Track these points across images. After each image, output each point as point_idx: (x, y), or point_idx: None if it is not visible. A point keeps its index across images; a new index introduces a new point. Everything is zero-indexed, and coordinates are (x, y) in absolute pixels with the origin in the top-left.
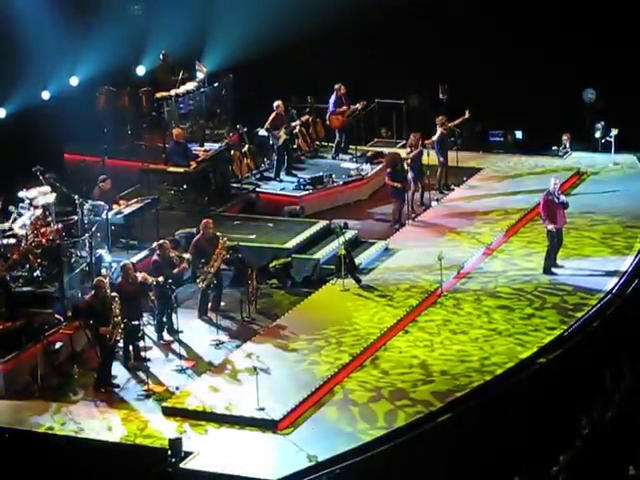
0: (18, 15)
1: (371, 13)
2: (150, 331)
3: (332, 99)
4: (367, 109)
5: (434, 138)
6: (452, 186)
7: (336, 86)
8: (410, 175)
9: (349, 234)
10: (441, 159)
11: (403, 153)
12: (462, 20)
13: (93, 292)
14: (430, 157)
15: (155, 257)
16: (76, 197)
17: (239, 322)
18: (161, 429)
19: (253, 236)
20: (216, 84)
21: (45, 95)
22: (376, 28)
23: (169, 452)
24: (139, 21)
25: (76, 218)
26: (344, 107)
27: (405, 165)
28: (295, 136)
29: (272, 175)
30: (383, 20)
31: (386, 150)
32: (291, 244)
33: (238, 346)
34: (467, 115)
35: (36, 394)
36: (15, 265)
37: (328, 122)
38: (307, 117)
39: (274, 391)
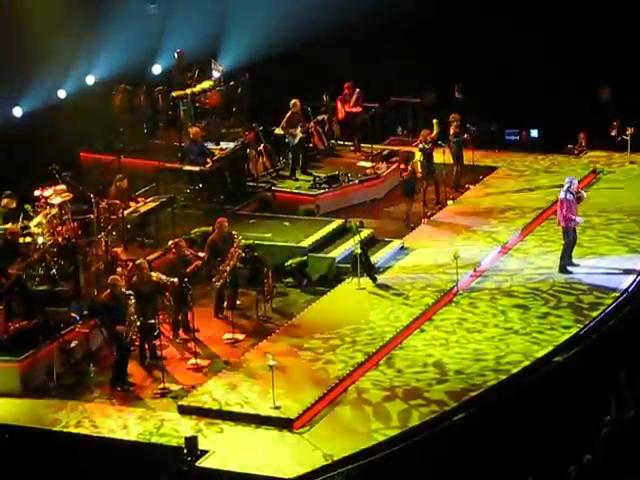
0: (34, 14)
1: (387, 11)
2: (166, 329)
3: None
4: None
5: (433, 134)
6: (467, 185)
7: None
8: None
9: (365, 233)
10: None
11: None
12: (478, 19)
13: (109, 290)
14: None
15: (171, 256)
16: (92, 196)
17: (255, 321)
18: (177, 428)
19: (269, 235)
20: (232, 83)
21: (61, 94)
22: (392, 26)
23: (185, 451)
24: (155, 20)
25: (92, 217)
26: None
27: (418, 163)
28: (311, 135)
29: (288, 174)
30: (399, 18)
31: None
32: (307, 243)
33: (254, 345)
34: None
35: (52, 392)
36: (32, 265)
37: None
38: (323, 116)
39: (290, 389)
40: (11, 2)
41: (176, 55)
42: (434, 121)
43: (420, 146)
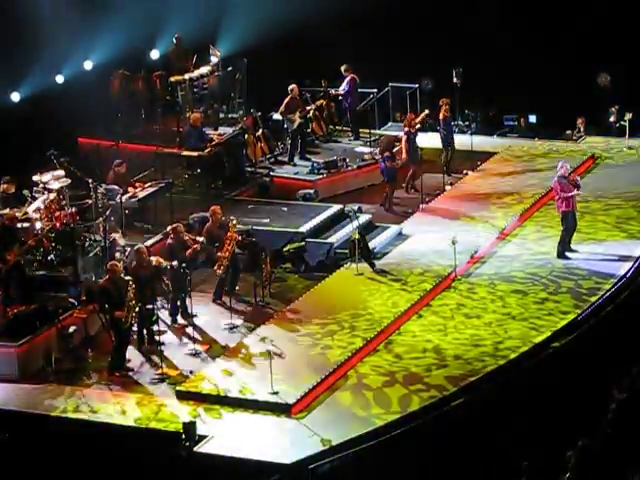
0: None
1: None
2: (164, 315)
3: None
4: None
5: (418, 119)
6: (465, 171)
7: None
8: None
9: (363, 218)
10: (445, 143)
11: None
12: (477, 3)
13: (107, 276)
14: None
15: (169, 241)
16: (90, 181)
17: (253, 306)
18: (175, 413)
19: (267, 220)
20: (230, 68)
21: (59, 79)
22: (391, 11)
23: (183, 436)
24: (153, 5)
25: (90, 202)
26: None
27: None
28: (309, 120)
29: (286, 159)
30: (399, 3)
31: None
32: (305, 228)
33: (252, 330)
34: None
35: (50, 378)
36: (30, 250)
37: None
38: (321, 101)
39: (288, 375)
40: None
41: (174, 40)
42: (426, 112)
43: (405, 130)
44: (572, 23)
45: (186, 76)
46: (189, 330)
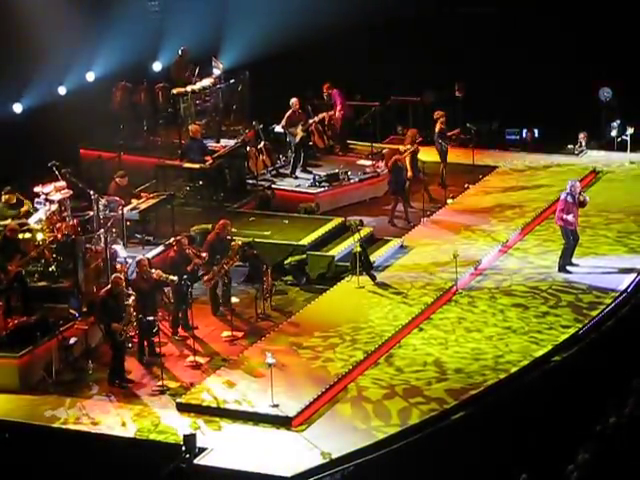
0: (35, 10)
1: (387, 9)
2: (165, 327)
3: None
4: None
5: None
6: (466, 184)
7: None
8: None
9: (364, 231)
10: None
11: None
12: (479, 18)
13: (108, 288)
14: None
15: (171, 254)
16: (91, 192)
17: (254, 319)
18: (175, 425)
19: (268, 233)
20: (232, 80)
21: (61, 90)
22: (393, 24)
23: (183, 448)
24: (156, 17)
25: (91, 213)
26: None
27: (407, 161)
28: (311, 133)
29: (288, 172)
30: (399, 17)
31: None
32: (306, 241)
33: (253, 342)
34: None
35: (50, 389)
36: (32, 261)
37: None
38: (323, 114)
39: (288, 387)
40: None
41: (180, 52)
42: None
43: (408, 146)
44: (574, 38)
45: (188, 88)
46: (190, 342)
